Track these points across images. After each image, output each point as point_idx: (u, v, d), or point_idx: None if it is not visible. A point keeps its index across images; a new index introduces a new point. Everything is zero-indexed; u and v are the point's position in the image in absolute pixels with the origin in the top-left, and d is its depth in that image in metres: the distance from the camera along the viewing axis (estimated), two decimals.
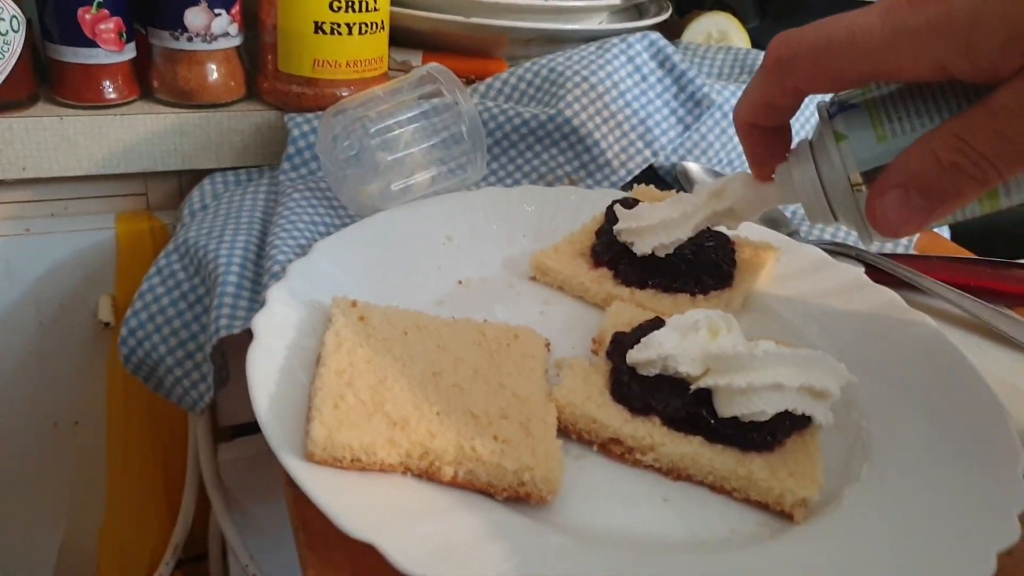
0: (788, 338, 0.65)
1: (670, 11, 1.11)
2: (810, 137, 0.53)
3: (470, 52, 0.99)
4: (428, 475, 0.45)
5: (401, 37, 0.98)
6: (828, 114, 0.50)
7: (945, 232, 0.96)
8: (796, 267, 0.72)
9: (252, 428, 0.90)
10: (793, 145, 0.55)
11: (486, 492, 0.46)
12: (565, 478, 0.48)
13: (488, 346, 0.55)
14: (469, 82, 0.94)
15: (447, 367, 0.51)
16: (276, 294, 0.56)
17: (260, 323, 0.52)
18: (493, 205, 0.75)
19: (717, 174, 0.88)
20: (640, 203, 0.68)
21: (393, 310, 0.56)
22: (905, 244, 0.85)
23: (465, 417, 0.47)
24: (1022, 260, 0.83)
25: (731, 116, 0.89)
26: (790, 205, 0.55)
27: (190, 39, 0.77)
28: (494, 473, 0.45)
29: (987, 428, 0.53)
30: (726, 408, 0.49)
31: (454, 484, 0.45)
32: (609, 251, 0.67)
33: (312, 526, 0.45)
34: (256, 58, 0.84)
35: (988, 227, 1.32)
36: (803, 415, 0.50)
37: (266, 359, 0.50)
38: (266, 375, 0.49)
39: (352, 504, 0.41)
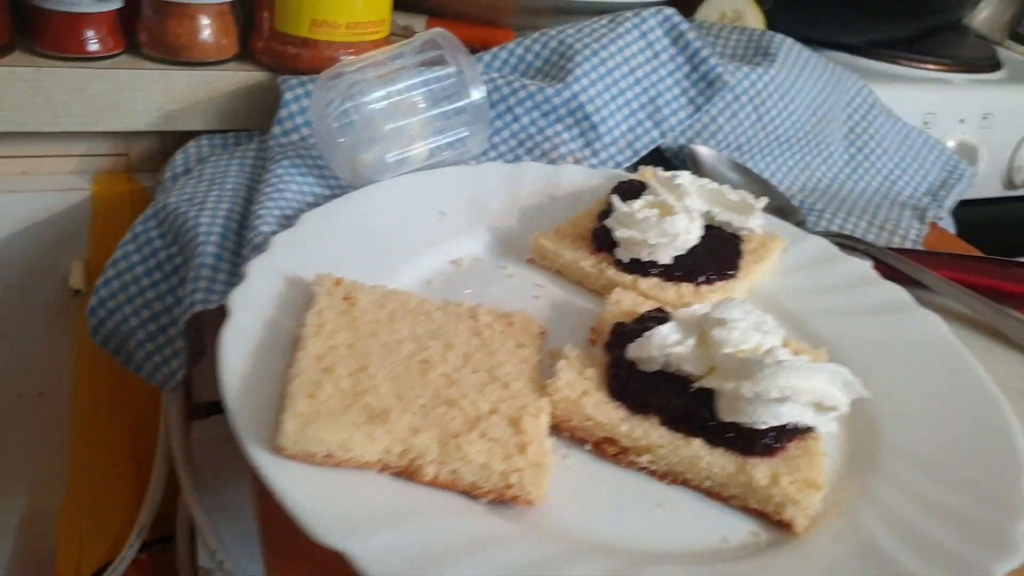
0: (793, 332, 0.62)
1: None
2: None
3: (476, 19, 0.95)
4: (408, 474, 0.42)
5: (405, 1, 0.94)
6: None
7: (951, 227, 0.93)
8: (803, 259, 0.69)
9: None
10: None
11: (469, 493, 0.43)
12: (554, 479, 0.45)
13: (481, 332, 0.52)
14: (474, 51, 0.90)
15: (436, 355, 0.48)
16: (257, 268, 0.53)
17: (237, 299, 0.49)
18: (492, 181, 0.71)
19: (728, 161, 0.84)
20: None
21: (381, 290, 0.53)
22: (913, 239, 0.82)
23: (452, 411, 0.44)
24: None
25: (742, 98, 0.85)
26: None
27: None
28: (480, 474, 0.42)
29: (994, 443, 0.51)
30: (728, 413, 0.46)
31: (435, 484, 0.42)
32: (611, 235, 0.64)
33: (279, 526, 0.41)
34: (251, 15, 0.80)
35: (993, 222, 1.30)
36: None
37: (241, 338, 0.47)
38: (239, 356, 0.46)
39: (323, 505, 0.38)
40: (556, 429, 0.48)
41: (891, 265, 0.73)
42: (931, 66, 1.25)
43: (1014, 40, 1.51)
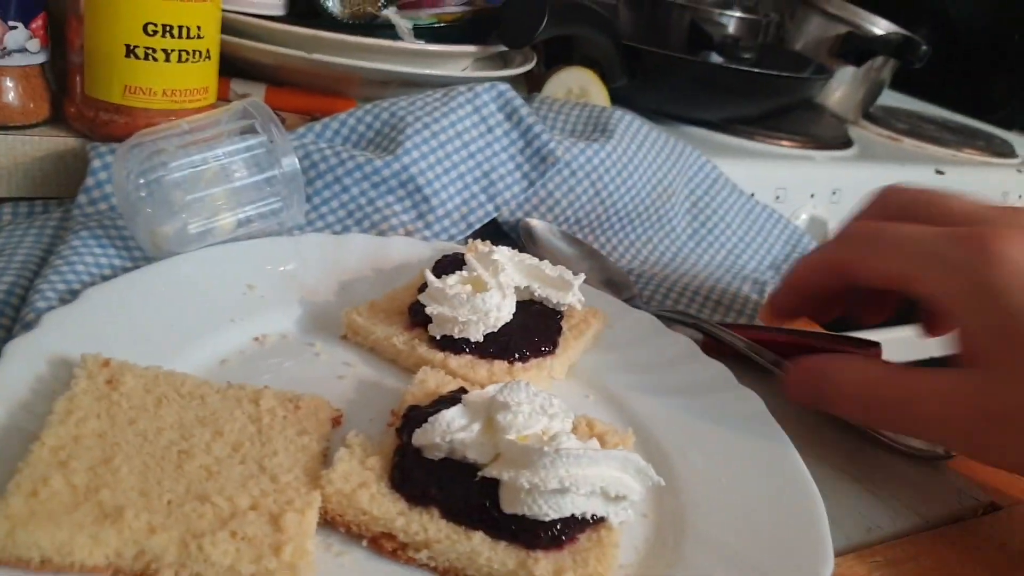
0: (610, 411, 0.60)
1: (535, 61, 1.08)
2: None
3: (320, 89, 0.94)
4: None
5: (245, 69, 0.92)
6: None
7: None
8: (628, 335, 0.68)
9: None
10: None
11: None
12: None
13: (259, 418, 0.48)
14: (314, 119, 0.88)
15: (199, 444, 0.45)
16: (16, 348, 0.48)
17: None
18: (311, 253, 0.69)
19: (563, 235, 0.84)
20: None
21: (154, 372, 0.49)
22: (750, 313, 0.83)
23: (202, 508, 0.40)
24: (856, 333, 0.82)
25: (579, 173, 0.85)
26: None
27: None
28: None
29: (802, 536, 0.50)
30: (509, 504, 0.44)
31: None
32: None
33: None
34: (64, 79, 0.76)
35: None
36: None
37: None
38: None
39: None
40: (332, 524, 0.45)
41: (721, 339, 0.73)
42: (785, 143, 1.29)
43: (868, 119, 1.59)
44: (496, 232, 0.83)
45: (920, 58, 1.37)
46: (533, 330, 0.62)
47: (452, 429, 0.46)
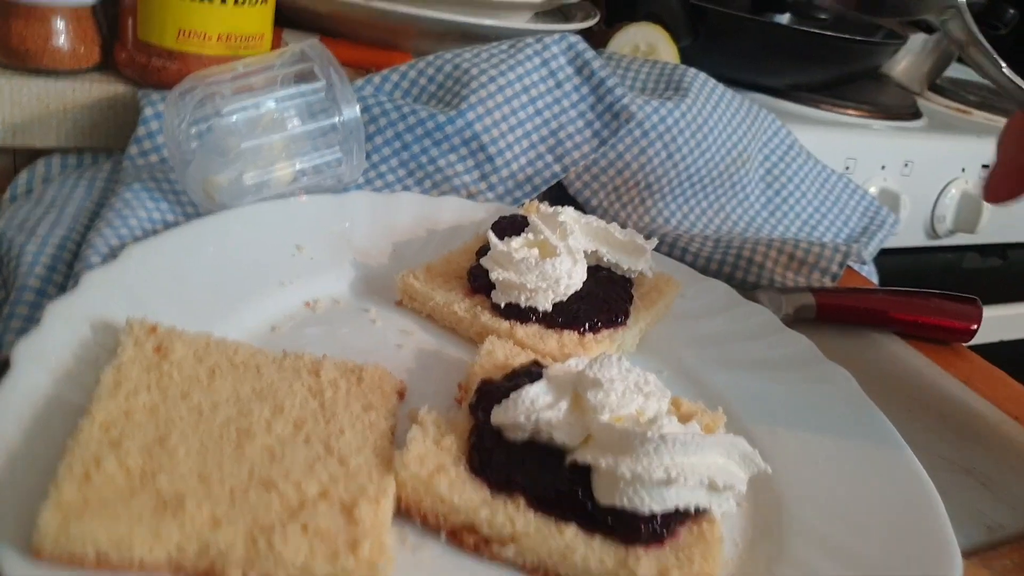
0: (688, 387, 0.56)
1: (598, 17, 1.02)
2: None
3: (375, 42, 0.89)
4: None
5: (298, 19, 0.87)
6: None
7: (873, 275, 0.89)
8: (701, 305, 0.64)
9: None
10: None
11: None
12: None
13: (321, 391, 0.44)
14: (368, 74, 0.83)
15: (259, 422, 0.40)
16: (57, 311, 0.44)
17: (24, 350, 0.41)
18: (361, 212, 0.64)
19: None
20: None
21: (204, 339, 0.45)
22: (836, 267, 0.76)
23: (268, 496, 0.36)
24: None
25: (651, 134, 0.80)
26: None
27: None
28: None
29: (919, 529, 0.45)
30: (605, 495, 0.39)
31: None
32: (489, 275, 0.56)
33: None
34: (115, 23, 0.72)
35: (916, 272, 1.27)
36: None
37: (22, 397, 0.39)
38: (15, 421, 0.37)
39: None
40: (406, 512, 0.41)
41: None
42: (852, 111, 1.22)
43: (934, 91, 1.51)
44: (561, 195, 0.78)
45: (1006, 23, 1.28)
46: (603, 298, 0.58)
47: (537, 407, 0.41)
